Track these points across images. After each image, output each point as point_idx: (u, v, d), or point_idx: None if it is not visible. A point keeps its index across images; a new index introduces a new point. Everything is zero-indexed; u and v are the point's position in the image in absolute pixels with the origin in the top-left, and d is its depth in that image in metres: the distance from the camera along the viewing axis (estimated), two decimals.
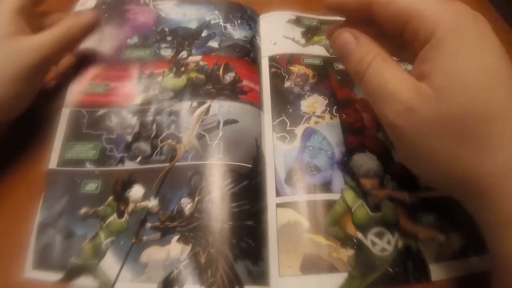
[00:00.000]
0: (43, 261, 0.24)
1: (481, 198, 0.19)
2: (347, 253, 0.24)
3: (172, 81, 0.32)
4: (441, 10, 0.20)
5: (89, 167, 0.27)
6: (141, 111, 0.30)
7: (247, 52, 0.35)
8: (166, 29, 0.36)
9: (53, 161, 0.27)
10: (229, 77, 0.32)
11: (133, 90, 0.31)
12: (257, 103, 0.31)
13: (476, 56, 0.19)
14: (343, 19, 0.41)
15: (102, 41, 0.34)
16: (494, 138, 0.18)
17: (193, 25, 0.37)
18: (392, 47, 0.23)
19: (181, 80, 0.32)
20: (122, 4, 0.37)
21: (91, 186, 0.26)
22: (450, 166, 0.19)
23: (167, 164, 0.27)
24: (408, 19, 0.20)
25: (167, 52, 0.34)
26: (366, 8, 0.22)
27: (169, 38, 0.35)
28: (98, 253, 0.24)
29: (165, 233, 0.24)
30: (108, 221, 0.25)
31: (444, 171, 0.20)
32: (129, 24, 0.36)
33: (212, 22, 0.37)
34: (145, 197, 0.26)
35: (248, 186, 0.26)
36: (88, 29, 0.30)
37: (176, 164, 0.27)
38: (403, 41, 0.21)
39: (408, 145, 0.20)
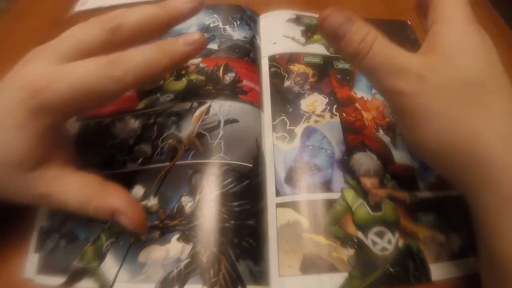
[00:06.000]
0: (48, 266, 0.24)
1: (480, 169, 0.19)
2: (347, 253, 0.24)
3: (172, 84, 0.32)
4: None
5: (93, 172, 0.27)
6: (143, 114, 0.30)
7: (247, 52, 0.35)
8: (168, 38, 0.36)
9: None
10: (229, 77, 0.32)
11: (135, 97, 0.32)
12: (257, 103, 0.31)
13: (482, 39, 0.21)
14: None
15: None
16: (494, 108, 0.19)
17: (192, 30, 0.37)
18: None
19: (182, 82, 0.32)
20: None
21: None
22: (455, 133, 0.20)
23: (167, 163, 0.27)
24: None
25: None
26: None
27: None
28: (99, 256, 0.24)
29: (164, 232, 0.24)
30: (110, 223, 0.25)
31: (449, 139, 0.20)
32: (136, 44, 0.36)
33: (212, 25, 0.37)
34: (145, 196, 0.26)
35: (249, 185, 0.26)
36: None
37: (177, 163, 0.27)
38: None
39: (416, 114, 0.21)
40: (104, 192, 0.22)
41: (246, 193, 0.26)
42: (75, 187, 0.22)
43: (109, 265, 0.23)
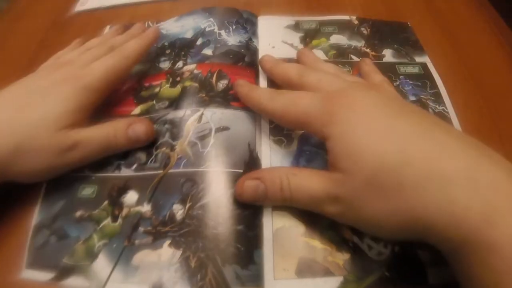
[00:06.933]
0: (37, 261, 0.24)
1: (429, 234, 0.19)
2: (342, 257, 0.24)
3: (168, 91, 0.33)
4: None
5: (86, 172, 0.28)
6: None
7: (242, 57, 0.35)
8: (166, 43, 0.37)
9: None
10: (222, 84, 0.32)
11: (132, 102, 0.32)
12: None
13: (364, 124, 0.21)
14: (344, 17, 0.40)
15: None
16: (408, 182, 0.19)
17: (189, 34, 0.37)
18: None
19: (176, 90, 0.32)
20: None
21: (88, 191, 0.27)
22: (394, 217, 0.20)
23: (160, 171, 0.27)
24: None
25: (165, 64, 0.35)
26: None
27: (167, 51, 0.36)
28: (91, 255, 0.24)
29: (157, 238, 0.25)
30: (102, 224, 0.25)
31: (395, 223, 0.20)
32: None
33: (207, 29, 0.37)
34: (139, 202, 0.26)
35: None
36: (137, 143, 0.28)
37: (169, 171, 0.27)
38: None
39: (361, 223, 0.22)
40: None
41: (236, 199, 0.26)
42: (98, 128, 0.27)
43: (101, 265, 0.24)
